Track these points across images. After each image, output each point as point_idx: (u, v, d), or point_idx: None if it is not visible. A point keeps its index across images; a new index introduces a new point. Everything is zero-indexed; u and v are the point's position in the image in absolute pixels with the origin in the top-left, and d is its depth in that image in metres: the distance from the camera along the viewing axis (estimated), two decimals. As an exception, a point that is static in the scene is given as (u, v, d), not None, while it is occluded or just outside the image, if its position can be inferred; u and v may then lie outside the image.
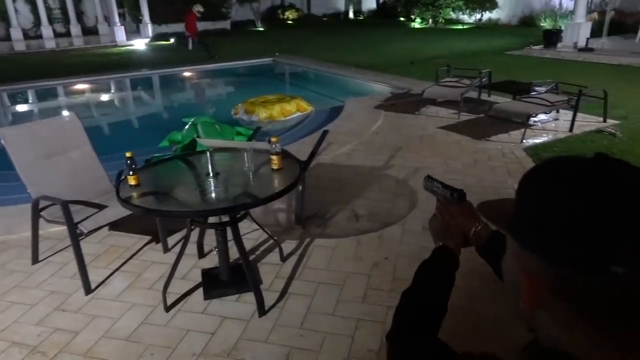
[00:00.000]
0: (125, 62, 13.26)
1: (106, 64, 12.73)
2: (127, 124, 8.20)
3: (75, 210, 2.82)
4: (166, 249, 3.26)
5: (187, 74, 11.62)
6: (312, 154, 3.37)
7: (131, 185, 2.49)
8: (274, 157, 2.63)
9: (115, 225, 3.40)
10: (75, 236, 2.70)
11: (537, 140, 5.35)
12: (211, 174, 2.59)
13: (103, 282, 2.93)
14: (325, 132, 3.65)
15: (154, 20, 19.29)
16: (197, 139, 3.73)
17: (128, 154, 2.47)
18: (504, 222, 0.60)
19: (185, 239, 2.67)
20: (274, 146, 2.62)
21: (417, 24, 21.01)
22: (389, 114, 6.55)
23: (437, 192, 1.05)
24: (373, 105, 7.08)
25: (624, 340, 0.50)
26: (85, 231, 2.73)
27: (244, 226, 3.37)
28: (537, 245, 0.52)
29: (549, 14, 17.02)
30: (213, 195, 2.53)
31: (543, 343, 0.57)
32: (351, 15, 26.78)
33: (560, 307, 0.52)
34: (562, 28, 12.70)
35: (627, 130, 5.55)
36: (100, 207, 2.94)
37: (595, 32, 11.99)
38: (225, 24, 21.02)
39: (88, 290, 2.80)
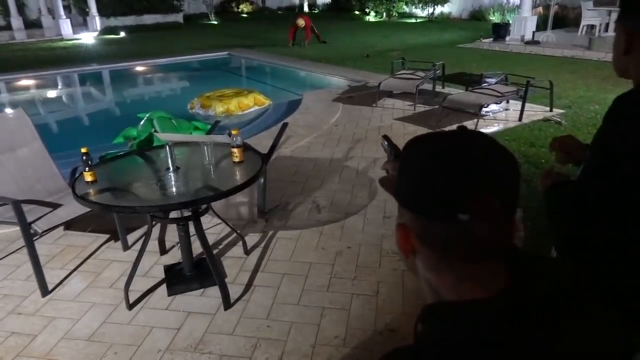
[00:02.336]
0: (73, 56, 12.73)
1: (52, 59, 12.18)
2: (78, 120, 7.89)
3: (27, 210, 2.72)
4: (126, 247, 3.19)
5: (140, 68, 11.28)
6: (273, 147, 3.38)
7: (88, 182, 2.42)
8: (235, 150, 2.62)
9: (71, 225, 3.30)
10: (30, 237, 2.60)
11: (489, 130, 5.56)
12: (171, 169, 2.56)
13: (60, 283, 2.84)
14: (285, 125, 3.67)
15: (102, 12, 18.57)
16: (155, 133, 3.63)
17: (83, 150, 2.40)
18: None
19: (147, 234, 2.62)
20: (234, 139, 2.61)
21: (371, 18, 21.23)
22: (346, 107, 6.62)
23: (386, 150, 1.11)
24: (331, 98, 7.14)
25: (472, 273, 0.63)
26: (40, 231, 2.64)
27: (206, 221, 3.34)
28: (408, 201, 0.66)
29: (497, 8, 17.59)
30: (174, 189, 2.50)
31: (425, 290, 0.69)
32: (306, 8, 26.73)
33: (427, 253, 0.65)
34: (510, 22, 13.17)
35: (571, 118, 5.85)
36: (55, 206, 2.84)
37: (541, 26, 12.51)
38: (177, 17, 20.51)
39: (45, 291, 2.70)
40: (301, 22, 13.37)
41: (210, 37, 16.20)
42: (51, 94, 10.09)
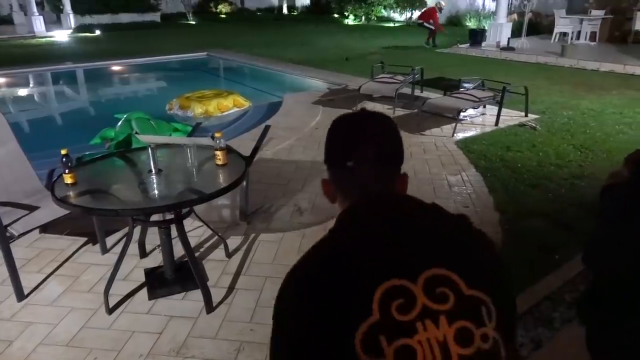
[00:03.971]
0: (47, 54, 12.45)
1: (24, 56, 11.88)
2: (52, 120, 7.71)
3: (3, 212, 2.65)
4: (105, 250, 3.13)
5: (117, 68, 11.10)
6: (256, 149, 3.38)
7: (67, 184, 2.37)
8: (218, 153, 2.61)
9: (47, 227, 3.23)
10: (5, 240, 2.54)
11: (467, 134, 5.66)
12: (153, 171, 2.53)
13: (37, 287, 2.77)
14: (268, 127, 3.67)
15: (77, 10, 18.19)
16: (136, 135, 3.58)
17: (63, 151, 2.35)
18: None
19: (128, 238, 2.59)
20: (218, 141, 2.60)
21: (350, 21, 21.36)
22: (327, 110, 6.64)
23: None
24: (311, 100, 7.15)
25: (352, 196, 0.93)
26: (16, 234, 2.58)
27: (187, 223, 3.30)
28: (325, 158, 0.98)
29: (473, 14, 17.94)
30: (157, 192, 2.47)
31: None
32: (285, 10, 26.72)
33: (338, 194, 0.97)
34: (486, 28, 13.44)
35: (545, 123, 6.01)
36: (32, 208, 2.78)
37: (515, 33, 12.81)
38: (155, 17, 20.26)
39: (21, 296, 2.64)
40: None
41: (188, 37, 16.05)
42: (24, 92, 9.85)
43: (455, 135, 5.53)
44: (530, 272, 2.92)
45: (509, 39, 12.23)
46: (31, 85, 10.19)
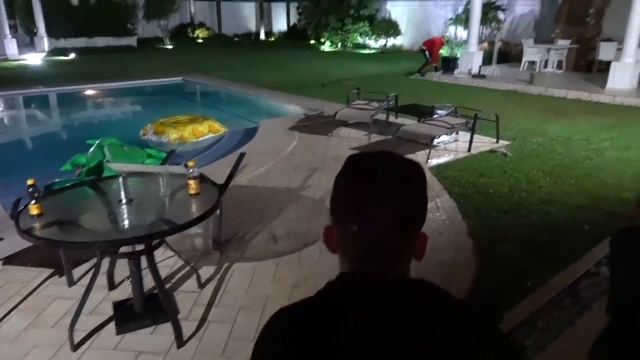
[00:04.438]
0: (18, 77, 12.23)
1: (-5, 80, 11.64)
2: (22, 146, 7.52)
3: (-36, 244, 2.55)
4: (71, 282, 3.03)
5: (90, 92, 10.96)
6: (230, 177, 3.35)
7: (33, 215, 2.30)
8: (191, 182, 2.58)
9: (12, 259, 3.11)
10: (-35, 273, 2.43)
11: (441, 160, 5.75)
12: (124, 201, 2.48)
13: (-2, 322, 2.65)
14: (242, 155, 3.65)
15: (51, 33, 18.00)
16: (107, 163, 3.52)
17: (29, 182, 2.29)
18: None
19: (95, 270, 2.51)
20: (191, 170, 2.57)
21: (326, 47, 21.70)
22: (303, 135, 6.68)
23: None
24: (287, 126, 7.18)
25: (352, 261, 0.81)
26: (-23, 267, 2.47)
27: (158, 253, 3.23)
28: (331, 208, 0.82)
29: (446, 42, 18.45)
30: (127, 223, 2.41)
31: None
32: (262, 36, 27.00)
33: (339, 250, 0.83)
34: (458, 56, 13.82)
35: (516, 149, 6.15)
36: (-6, 239, 2.67)
37: (486, 61, 13.21)
38: (131, 40, 20.18)
39: (-20, 333, 2.52)
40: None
41: (165, 61, 16.02)
42: (-8, 116, 9.62)
43: (429, 161, 5.61)
44: (505, 297, 2.95)
45: (480, 66, 12.59)
46: (0, 109, 9.97)
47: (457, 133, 6.49)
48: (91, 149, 5.43)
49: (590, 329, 2.73)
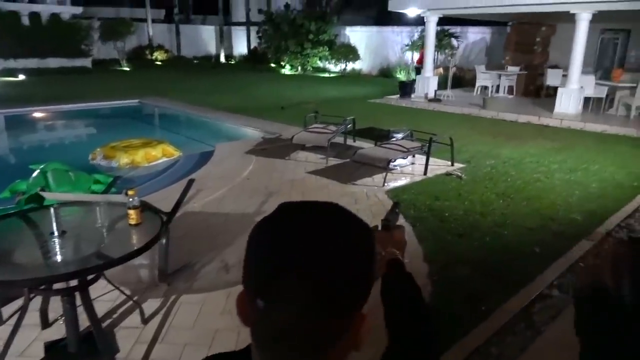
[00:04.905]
0: (-40, 99, 11.61)
1: None
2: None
3: None
4: (0, 322, 2.78)
5: (39, 115, 10.51)
6: (177, 205, 3.21)
7: (-50, 251, 2.10)
8: (131, 212, 2.43)
9: None
10: None
11: (397, 184, 5.77)
12: (56, 233, 2.30)
13: None
14: (191, 182, 3.52)
15: (1, 54, 17.34)
16: (41, 192, 3.31)
17: (-54, 215, 2.09)
18: None
19: (23, 309, 2.31)
20: (131, 199, 2.43)
21: (287, 71, 21.85)
22: (260, 159, 6.58)
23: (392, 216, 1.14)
24: (244, 149, 7.07)
25: (260, 348, 0.61)
26: None
27: (100, 286, 3.02)
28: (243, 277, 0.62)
29: (403, 67, 18.95)
30: (58, 257, 2.24)
31: None
32: (222, 59, 26.94)
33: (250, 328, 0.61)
34: (415, 80, 14.18)
35: (470, 172, 6.26)
36: None
37: (442, 85, 13.60)
38: (86, 62, 19.71)
39: None
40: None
41: (121, 83, 15.67)
42: None
43: (385, 184, 5.62)
44: (459, 325, 2.91)
45: (435, 91, 12.94)
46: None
47: (413, 156, 6.56)
48: (33, 175, 5.15)
49: (544, 354, 2.72)
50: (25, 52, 17.83)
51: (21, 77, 16.54)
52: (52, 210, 2.29)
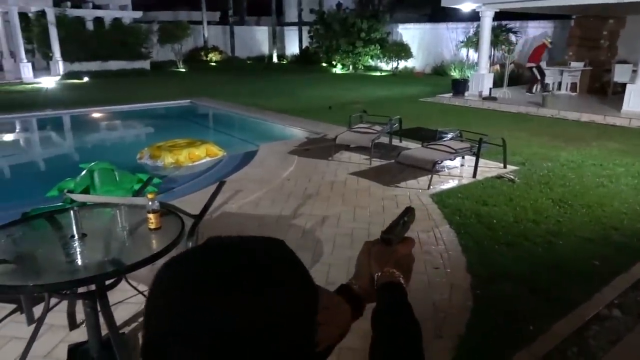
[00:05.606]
0: (30, 100, 12.34)
1: (6, 103, 11.75)
2: (13, 169, 7.42)
3: None
4: (31, 321, 2.81)
5: (96, 115, 10.98)
6: (206, 208, 3.14)
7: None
8: (150, 216, 2.36)
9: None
10: None
11: (444, 186, 5.47)
12: (76, 236, 2.27)
13: (-60, 367, 2.44)
14: (222, 184, 3.44)
15: (67, 58, 18.35)
16: (67, 194, 3.34)
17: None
18: None
19: (44, 312, 2.30)
20: (150, 203, 2.36)
21: (338, 70, 21.72)
22: (302, 160, 6.47)
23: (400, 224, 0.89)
24: (287, 150, 6.99)
25: None
26: None
27: (126, 288, 3.01)
28: None
29: (457, 64, 18.28)
30: (76, 261, 2.20)
31: None
32: (275, 59, 27.22)
33: None
34: (469, 78, 13.61)
35: (524, 175, 5.85)
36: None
37: (498, 83, 12.97)
38: (144, 64, 20.46)
39: None
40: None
41: (176, 84, 16.14)
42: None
43: (431, 187, 5.34)
44: (501, 346, 2.64)
45: (490, 89, 12.35)
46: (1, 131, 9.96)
47: (462, 158, 6.22)
48: (82, 174, 5.32)
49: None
50: (89, 55, 18.75)
51: (85, 79, 17.43)
52: (72, 212, 2.26)
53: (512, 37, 15.33)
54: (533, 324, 2.83)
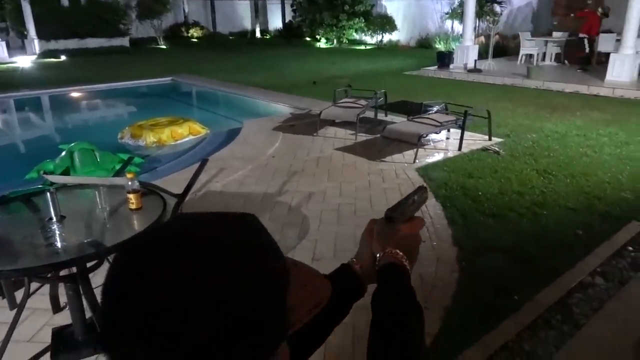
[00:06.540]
0: (5, 81, 11.96)
1: (-21, 84, 11.39)
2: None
3: None
4: (13, 305, 2.76)
5: (75, 95, 10.71)
6: (188, 187, 3.07)
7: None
8: (130, 196, 2.31)
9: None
10: None
11: (429, 160, 5.47)
12: (54, 219, 2.21)
13: None
14: (205, 162, 3.36)
15: (42, 36, 17.77)
16: (44, 175, 3.26)
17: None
18: None
19: (24, 296, 2.25)
20: (130, 183, 2.30)
21: (322, 44, 21.41)
22: (287, 136, 6.40)
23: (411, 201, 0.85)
24: (272, 126, 6.91)
25: None
26: None
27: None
28: None
29: (442, 36, 18.11)
30: (55, 244, 2.14)
31: None
32: (258, 34, 26.71)
33: None
34: (454, 50, 13.51)
35: (509, 147, 5.86)
36: None
37: (483, 55, 12.90)
38: (124, 41, 19.92)
39: None
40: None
41: (157, 61, 15.78)
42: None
43: (416, 161, 5.33)
44: (487, 317, 2.67)
45: (475, 61, 12.28)
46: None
47: (448, 131, 6.20)
48: (61, 155, 5.20)
49: (581, 353, 2.45)
50: (66, 33, 18.17)
51: (62, 57, 16.93)
52: (48, 194, 2.19)
53: (497, 8, 15.16)
54: (518, 294, 2.86)
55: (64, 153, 5.19)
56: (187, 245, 0.45)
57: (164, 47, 21.63)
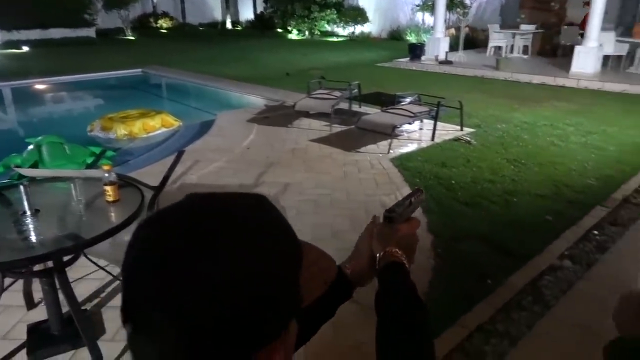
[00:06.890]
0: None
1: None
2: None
3: None
4: (-15, 302, 2.69)
5: (41, 86, 10.35)
6: (165, 179, 3.04)
7: None
8: (107, 188, 2.28)
9: None
10: None
11: (403, 150, 5.55)
12: (27, 212, 2.16)
13: None
14: (181, 154, 3.34)
15: (3, 25, 17.08)
16: (16, 169, 3.17)
17: None
18: None
19: (-2, 292, 2.20)
20: (107, 175, 2.27)
21: (293, 36, 21.30)
22: (261, 128, 6.38)
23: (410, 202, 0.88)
24: (246, 118, 6.86)
25: None
26: None
27: (86, 264, 2.92)
28: None
29: (413, 29, 18.27)
30: (29, 238, 2.10)
31: None
32: (229, 25, 26.35)
33: None
34: (425, 42, 13.65)
35: (480, 137, 6.00)
36: None
37: (453, 47, 13.08)
38: (90, 32, 19.34)
39: None
40: None
41: (125, 53, 15.40)
42: None
43: (391, 151, 5.40)
44: (462, 300, 2.75)
45: (446, 52, 12.45)
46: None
47: (421, 121, 6.30)
48: (28, 149, 5.05)
49: (552, 332, 2.56)
50: (28, 22, 17.52)
51: (25, 48, 16.34)
52: (21, 187, 2.14)
53: (467, 1, 15.40)
54: (491, 278, 2.95)
55: (31, 147, 5.04)
56: (208, 221, 0.47)
57: (132, 38, 21.11)
